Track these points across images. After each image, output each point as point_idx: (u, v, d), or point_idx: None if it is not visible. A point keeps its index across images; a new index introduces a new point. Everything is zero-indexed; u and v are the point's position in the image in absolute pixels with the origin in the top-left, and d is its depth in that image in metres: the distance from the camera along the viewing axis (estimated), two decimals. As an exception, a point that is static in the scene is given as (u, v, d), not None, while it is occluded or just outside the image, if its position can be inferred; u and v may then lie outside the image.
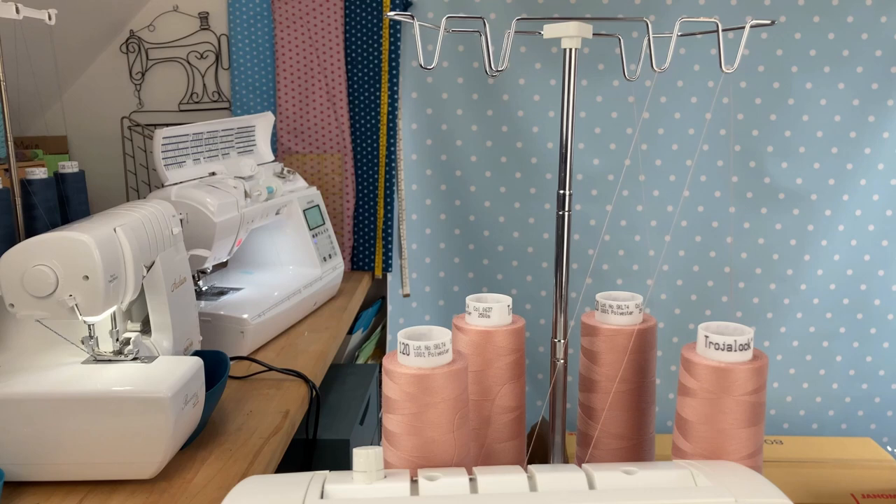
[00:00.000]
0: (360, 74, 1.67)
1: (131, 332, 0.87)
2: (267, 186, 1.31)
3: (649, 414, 0.64)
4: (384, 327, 1.75)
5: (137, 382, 0.76)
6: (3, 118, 1.18)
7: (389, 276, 1.70)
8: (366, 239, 1.71)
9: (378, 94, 1.66)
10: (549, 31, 0.58)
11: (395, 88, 1.63)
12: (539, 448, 0.67)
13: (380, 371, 1.18)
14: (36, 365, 0.80)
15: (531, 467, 0.50)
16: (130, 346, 0.83)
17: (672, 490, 0.48)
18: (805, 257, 1.62)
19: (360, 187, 1.70)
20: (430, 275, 1.71)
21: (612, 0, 1.54)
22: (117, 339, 0.84)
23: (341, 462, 1.18)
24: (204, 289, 1.28)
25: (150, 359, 0.82)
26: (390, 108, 1.65)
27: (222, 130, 1.34)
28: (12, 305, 0.76)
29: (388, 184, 1.68)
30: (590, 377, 0.64)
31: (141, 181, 1.80)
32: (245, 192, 1.24)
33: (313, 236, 1.45)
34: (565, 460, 0.63)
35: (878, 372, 1.66)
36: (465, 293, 0.73)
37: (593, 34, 0.59)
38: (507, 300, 0.61)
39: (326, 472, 0.50)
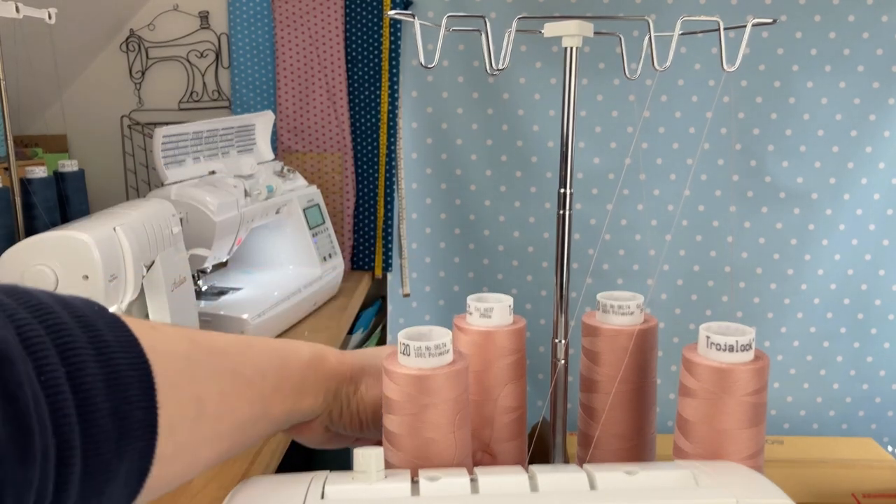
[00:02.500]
0: (360, 73, 1.67)
1: (131, 331, 0.86)
2: (267, 185, 1.31)
3: (650, 414, 0.64)
4: (384, 327, 1.75)
5: (137, 382, 0.76)
6: (3, 117, 1.18)
7: (389, 276, 1.70)
8: (366, 238, 1.71)
9: (378, 93, 1.66)
10: (550, 29, 0.58)
11: (396, 87, 1.63)
12: (540, 448, 0.67)
13: (380, 371, 1.18)
14: (35, 364, 0.79)
15: (532, 468, 0.50)
16: (130, 346, 0.82)
17: (673, 490, 0.48)
18: (806, 257, 1.62)
19: (360, 186, 1.70)
20: (430, 274, 1.71)
21: (612, -1, 1.54)
22: (117, 339, 0.83)
23: (341, 462, 1.18)
24: (204, 289, 1.28)
25: (150, 358, 0.82)
26: (390, 107, 1.64)
27: (222, 129, 1.34)
28: (12, 305, 0.75)
29: (388, 183, 1.68)
30: (591, 377, 0.64)
31: (141, 180, 1.80)
32: (245, 191, 1.24)
33: (313, 236, 1.45)
34: (566, 461, 0.63)
35: (878, 372, 1.66)
36: (465, 293, 0.72)
37: (594, 33, 0.58)
38: (509, 300, 0.61)
39: (326, 472, 0.50)
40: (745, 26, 0.59)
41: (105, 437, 0.29)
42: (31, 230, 1.19)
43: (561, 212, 0.60)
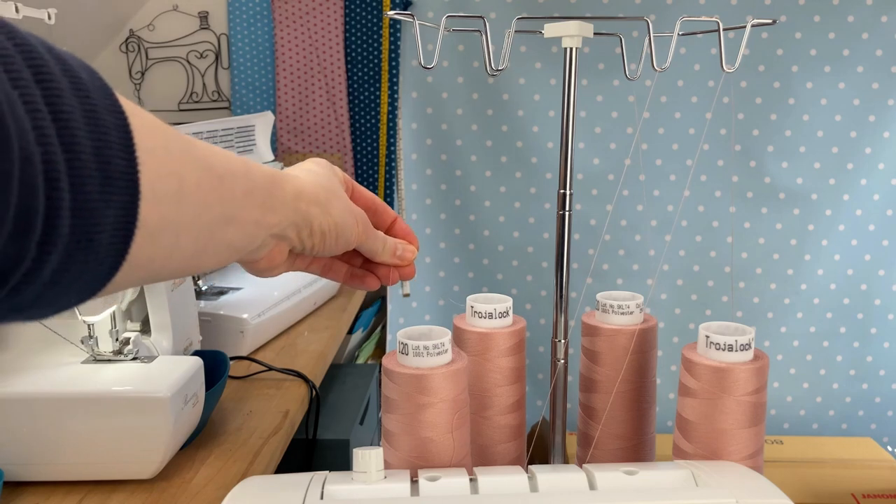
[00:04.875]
0: (360, 74, 1.67)
1: (131, 331, 0.87)
2: (267, 186, 1.31)
3: (650, 414, 0.64)
4: (384, 327, 1.75)
5: (137, 382, 0.76)
6: (3, 118, 1.18)
7: (389, 276, 1.70)
8: (366, 239, 1.71)
9: (378, 93, 1.66)
10: (550, 30, 0.58)
11: (395, 88, 1.63)
12: (539, 448, 0.67)
13: (380, 371, 1.19)
14: (36, 365, 0.80)
15: (532, 468, 0.50)
16: (130, 346, 0.83)
17: (673, 490, 0.48)
18: (805, 257, 1.62)
19: (360, 187, 1.70)
20: (430, 275, 1.71)
21: (612, -1, 1.54)
22: (117, 339, 0.84)
23: (341, 462, 1.18)
24: (204, 288, 1.28)
25: (150, 359, 0.82)
26: (390, 108, 1.64)
27: (222, 130, 1.34)
28: (12, 305, 0.76)
29: (388, 183, 1.68)
30: (590, 377, 0.64)
31: (141, 181, 1.80)
32: (245, 191, 1.24)
33: (313, 236, 1.45)
34: (566, 461, 0.63)
35: (878, 372, 1.66)
36: (465, 293, 0.72)
37: (594, 33, 0.59)
38: (508, 301, 0.61)
39: (326, 472, 0.50)
40: (744, 27, 0.60)
41: (88, 173, 0.27)
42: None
43: (561, 212, 0.60)
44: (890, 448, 1.65)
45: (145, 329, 0.93)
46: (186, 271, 0.37)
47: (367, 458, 0.47)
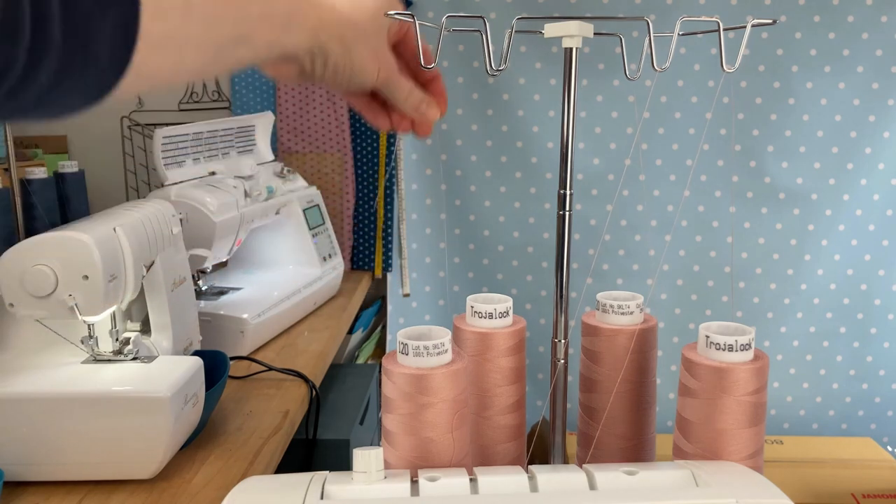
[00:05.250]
0: (360, 74, 1.66)
1: (131, 331, 0.87)
2: (267, 186, 1.31)
3: (650, 414, 0.64)
4: (384, 327, 1.75)
5: (137, 382, 0.76)
6: (3, 117, 1.18)
7: (389, 276, 1.70)
8: (366, 239, 1.71)
9: (378, 93, 1.66)
10: (550, 30, 0.58)
11: (395, 88, 1.63)
12: (539, 448, 0.67)
13: (380, 371, 1.19)
14: (35, 365, 0.80)
15: (532, 468, 0.50)
16: (130, 346, 0.83)
17: (673, 490, 0.48)
18: (805, 257, 1.62)
19: (360, 187, 1.70)
20: (430, 275, 1.71)
21: (612, -1, 1.54)
22: (117, 339, 0.84)
23: (341, 462, 1.18)
24: (204, 289, 1.28)
25: (150, 359, 0.82)
26: (390, 108, 1.64)
27: (222, 130, 1.34)
28: (12, 305, 0.76)
29: (388, 183, 1.68)
30: (590, 377, 0.64)
31: (141, 181, 1.80)
32: (245, 191, 1.24)
33: (313, 236, 1.45)
34: (566, 461, 0.63)
35: (878, 372, 1.66)
36: (465, 293, 0.72)
37: (594, 33, 0.59)
38: (508, 301, 0.61)
39: (326, 472, 0.50)
40: (744, 27, 0.60)
41: None
42: (31, 231, 1.19)
43: (561, 212, 0.60)
44: (890, 448, 1.65)
45: (145, 329, 0.93)
46: (194, 79, 0.37)
47: (367, 458, 0.47)
